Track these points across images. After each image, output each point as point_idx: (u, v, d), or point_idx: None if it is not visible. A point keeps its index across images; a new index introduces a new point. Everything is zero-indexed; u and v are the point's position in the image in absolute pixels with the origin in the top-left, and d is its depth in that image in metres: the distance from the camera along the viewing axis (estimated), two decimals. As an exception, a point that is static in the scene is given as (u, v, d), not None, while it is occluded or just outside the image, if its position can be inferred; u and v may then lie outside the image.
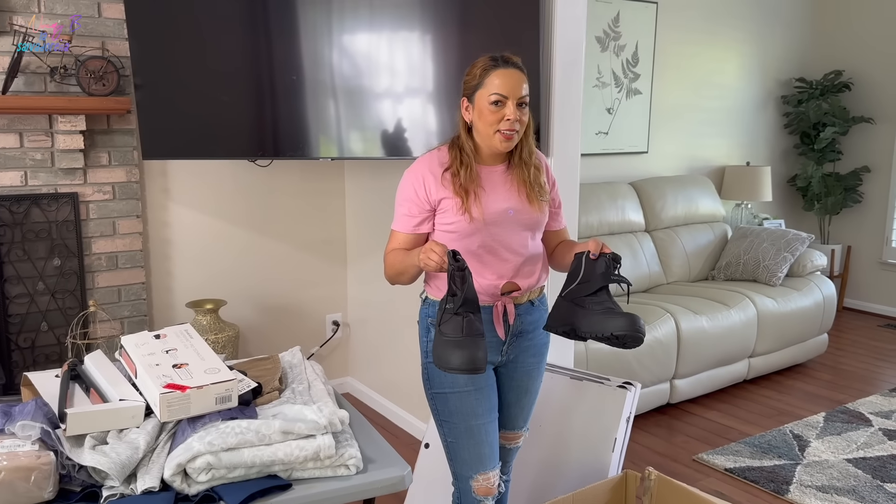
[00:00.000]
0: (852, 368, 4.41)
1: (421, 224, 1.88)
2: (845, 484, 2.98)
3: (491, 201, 1.85)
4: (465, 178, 1.83)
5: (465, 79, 1.84)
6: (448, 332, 1.65)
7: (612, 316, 1.74)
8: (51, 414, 1.44)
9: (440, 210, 1.85)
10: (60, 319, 3.09)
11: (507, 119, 1.78)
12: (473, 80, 1.82)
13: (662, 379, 3.63)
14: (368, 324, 3.77)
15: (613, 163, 4.63)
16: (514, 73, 1.79)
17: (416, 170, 1.88)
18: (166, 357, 1.56)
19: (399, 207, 1.90)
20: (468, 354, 1.61)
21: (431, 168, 1.86)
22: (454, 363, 1.61)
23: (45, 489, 1.33)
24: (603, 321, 1.74)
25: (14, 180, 2.94)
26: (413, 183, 1.87)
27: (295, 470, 1.47)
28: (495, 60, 1.80)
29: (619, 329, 1.71)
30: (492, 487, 1.91)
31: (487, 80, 1.78)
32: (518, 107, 1.79)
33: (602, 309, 1.76)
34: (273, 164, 3.51)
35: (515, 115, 1.78)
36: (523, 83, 1.80)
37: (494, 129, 1.80)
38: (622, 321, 1.72)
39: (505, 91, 1.77)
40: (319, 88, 2.88)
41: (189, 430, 1.44)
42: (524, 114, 1.82)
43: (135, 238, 3.22)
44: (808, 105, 5.39)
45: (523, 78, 1.80)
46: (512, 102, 1.78)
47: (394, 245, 1.91)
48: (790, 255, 4.32)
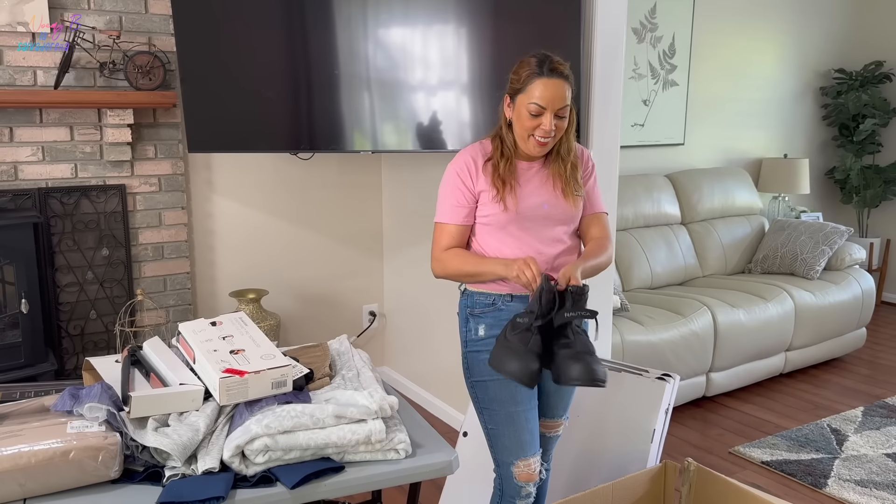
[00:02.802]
0: (891, 363, 4.36)
1: (469, 214, 1.91)
2: (884, 479, 2.96)
3: (525, 194, 1.88)
4: (504, 170, 1.86)
5: (511, 77, 1.86)
6: (514, 340, 1.71)
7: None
8: (115, 397, 1.50)
9: (480, 203, 1.89)
10: (108, 308, 3.18)
11: (543, 128, 1.81)
12: (517, 82, 1.83)
13: (698, 372, 3.63)
14: (404, 314, 3.82)
15: (649, 155, 4.63)
16: (557, 83, 1.79)
17: (460, 160, 1.92)
18: (223, 343, 1.62)
19: (446, 200, 1.92)
20: (525, 367, 1.67)
21: (475, 157, 1.90)
22: (510, 369, 1.68)
23: (111, 468, 1.39)
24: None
25: (65, 173, 3.03)
26: (458, 172, 1.90)
27: (347, 453, 1.52)
28: (541, 67, 1.79)
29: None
30: (533, 473, 1.94)
31: (530, 87, 1.80)
32: (557, 117, 1.81)
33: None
34: (312, 158, 3.57)
35: (551, 125, 1.80)
36: (566, 93, 1.81)
37: (529, 133, 1.83)
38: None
39: (544, 102, 1.79)
40: (355, 82, 2.92)
41: (246, 413, 1.49)
42: (563, 122, 1.84)
43: (180, 229, 3.29)
44: (848, 96, 5.32)
45: (566, 88, 1.81)
46: (550, 113, 1.80)
47: (446, 242, 1.92)
48: (828, 248, 4.28)
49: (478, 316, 1.94)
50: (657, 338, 3.43)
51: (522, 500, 1.96)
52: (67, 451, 1.36)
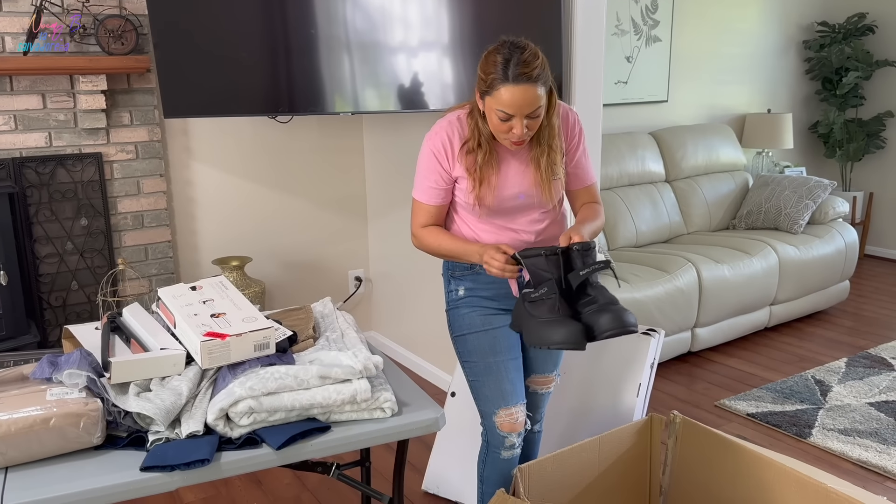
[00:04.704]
0: (874, 315, 4.41)
1: (446, 195, 1.86)
2: (867, 427, 3.01)
3: (502, 182, 1.82)
4: (482, 162, 1.78)
5: (478, 73, 1.73)
6: (542, 313, 1.67)
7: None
8: (95, 363, 1.48)
9: (457, 185, 1.85)
10: (90, 278, 3.14)
11: (514, 132, 1.71)
12: (484, 83, 1.70)
13: (684, 327, 3.65)
14: (390, 278, 3.81)
15: (633, 112, 4.60)
16: (524, 90, 1.64)
17: (436, 139, 1.82)
18: (204, 307, 1.60)
19: (423, 179, 1.86)
20: (570, 331, 1.63)
21: (451, 137, 1.81)
22: (557, 339, 1.64)
23: (93, 434, 1.38)
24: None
25: (39, 141, 2.97)
26: (435, 153, 1.82)
27: (333, 413, 1.51)
28: (506, 70, 1.64)
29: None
30: (516, 423, 1.94)
31: (496, 93, 1.67)
32: (530, 118, 1.70)
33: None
34: (293, 122, 3.51)
35: (522, 130, 1.69)
36: (535, 96, 1.66)
37: (503, 136, 1.74)
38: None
39: (512, 111, 1.67)
40: (333, 42, 2.86)
41: (230, 376, 1.48)
42: (537, 121, 1.73)
43: (159, 197, 3.25)
44: (831, 49, 5.29)
45: (536, 90, 1.65)
46: (520, 119, 1.68)
47: (423, 219, 1.88)
48: (812, 202, 4.29)
49: (458, 278, 1.93)
50: (642, 295, 3.44)
51: (507, 451, 1.96)
52: (48, 419, 1.34)
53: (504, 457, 1.97)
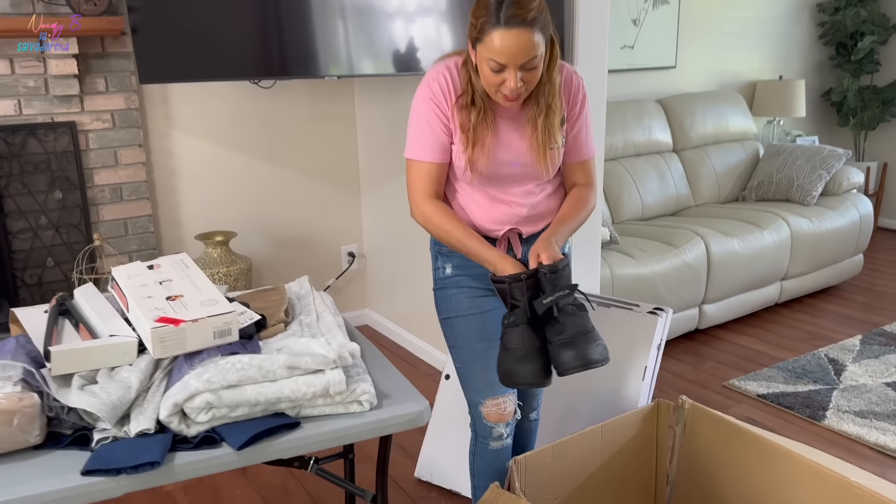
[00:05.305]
0: (889, 290, 4.24)
1: (447, 151, 1.65)
2: (885, 409, 2.85)
3: (496, 146, 1.63)
4: (475, 120, 1.59)
5: (470, 19, 1.54)
6: (512, 343, 1.55)
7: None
8: (34, 353, 1.33)
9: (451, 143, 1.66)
10: (67, 254, 2.98)
11: (508, 86, 1.51)
12: (474, 29, 1.51)
13: (691, 304, 3.48)
14: (384, 255, 3.64)
15: (639, 79, 4.39)
16: (518, 34, 1.45)
17: (434, 84, 1.62)
18: (160, 289, 1.43)
19: (419, 131, 1.64)
20: (530, 369, 1.54)
21: (450, 84, 1.61)
22: (519, 380, 1.55)
23: (30, 433, 1.23)
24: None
25: (7, 109, 2.79)
26: (433, 96, 1.62)
27: (303, 407, 1.36)
28: (498, 12, 1.45)
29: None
30: (504, 414, 1.78)
31: (487, 39, 1.48)
32: (525, 69, 1.50)
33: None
34: (278, 88, 3.32)
35: (516, 82, 1.50)
36: (532, 43, 1.47)
37: (496, 90, 1.54)
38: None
39: (504, 59, 1.48)
40: (323, 1, 2.67)
41: (186, 367, 1.32)
42: (534, 73, 1.53)
43: (138, 168, 3.07)
44: (846, 13, 5.05)
45: (532, 36, 1.46)
46: (514, 69, 1.49)
47: (424, 184, 1.66)
48: (825, 172, 4.10)
49: (446, 255, 1.76)
50: (648, 270, 3.27)
51: (495, 441, 1.81)
52: (-24, 417, 1.19)
53: (493, 447, 1.82)
